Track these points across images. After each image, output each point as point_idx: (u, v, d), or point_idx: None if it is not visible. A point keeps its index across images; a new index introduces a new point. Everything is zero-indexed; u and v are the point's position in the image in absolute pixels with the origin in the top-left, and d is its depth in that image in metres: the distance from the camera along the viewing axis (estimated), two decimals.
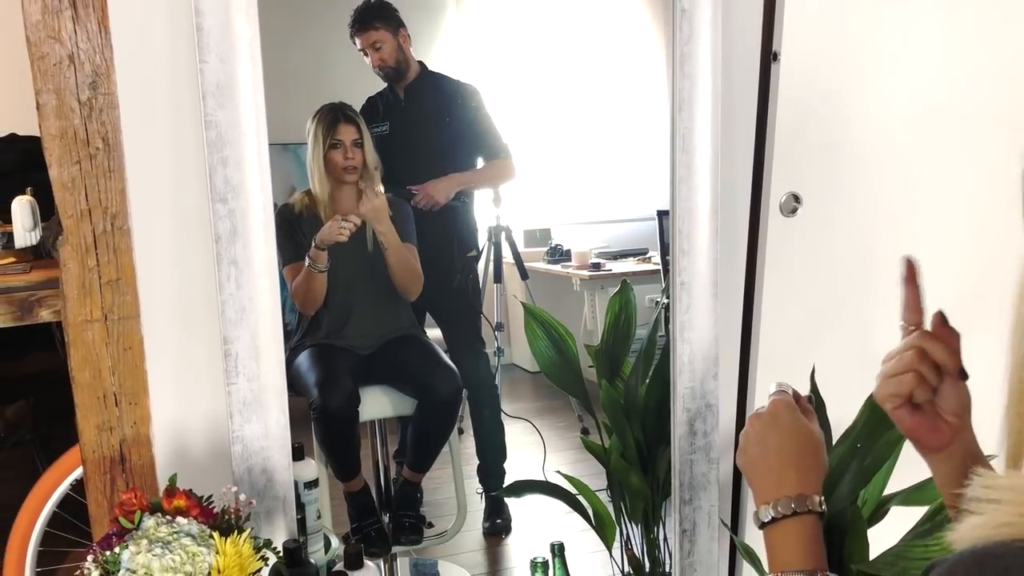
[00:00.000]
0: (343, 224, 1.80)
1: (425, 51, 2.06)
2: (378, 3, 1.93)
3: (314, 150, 1.85)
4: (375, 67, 1.96)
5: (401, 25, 1.95)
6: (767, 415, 0.95)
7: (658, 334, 1.72)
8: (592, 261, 2.43)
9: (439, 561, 2.05)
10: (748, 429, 0.97)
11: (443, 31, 2.14)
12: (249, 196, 1.27)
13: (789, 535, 0.87)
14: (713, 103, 1.47)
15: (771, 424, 0.94)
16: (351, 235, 1.82)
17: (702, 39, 1.45)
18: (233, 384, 1.29)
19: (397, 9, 1.94)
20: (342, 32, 1.96)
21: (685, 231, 1.51)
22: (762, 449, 0.93)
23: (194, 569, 1.04)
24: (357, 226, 1.82)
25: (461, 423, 2.21)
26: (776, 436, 0.92)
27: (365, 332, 1.94)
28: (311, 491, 1.46)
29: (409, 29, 1.98)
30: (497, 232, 2.24)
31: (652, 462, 1.70)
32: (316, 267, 1.81)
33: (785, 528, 0.87)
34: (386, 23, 1.94)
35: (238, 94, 1.24)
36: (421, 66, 2.00)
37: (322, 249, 1.81)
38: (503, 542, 2.20)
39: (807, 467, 0.90)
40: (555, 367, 1.83)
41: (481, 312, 2.20)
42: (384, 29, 1.94)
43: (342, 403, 1.83)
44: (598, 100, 2.34)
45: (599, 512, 1.72)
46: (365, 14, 1.94)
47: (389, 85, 1.98)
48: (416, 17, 2.03)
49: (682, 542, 1.58)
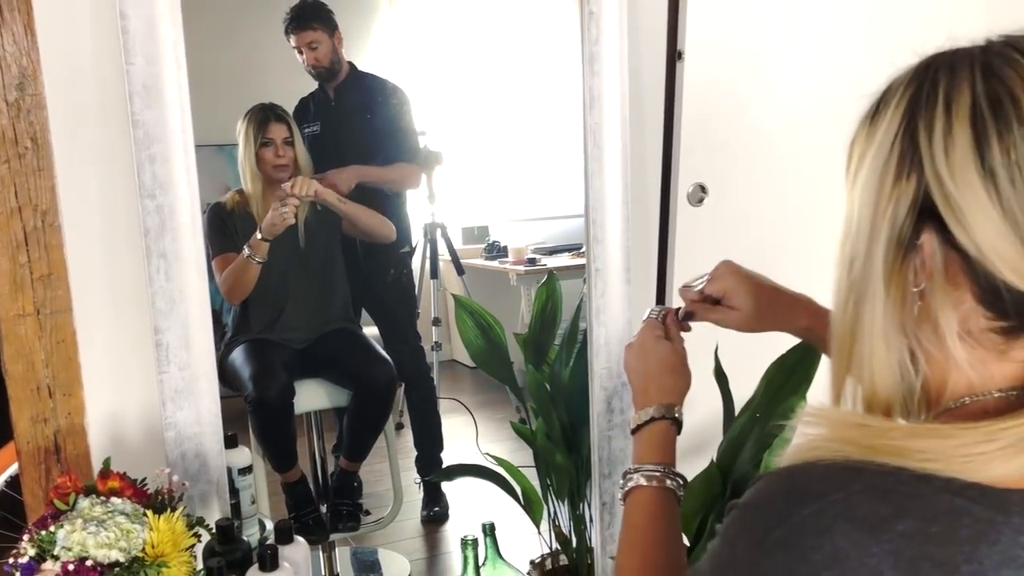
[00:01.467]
0: (284, 210, 1.84)
1: (357, 51, 2.11)
2: (315, 3, 1.97)
3: (245, 149, 1.89)
4: (309, 66, 2.00)
5: (336, 28, 2.00)
6: (635, 344, 1.08)
7: (580, 320, 1.81)
8: (528, 257, 2.50)
9: (378, 549, 2.11)
10: (623, 358, 1.10)
11: (375, 32, 2.20)
12: (177, 191, 1.32)
13: (647, 438, 0.99)
14: (621, 100, 1.56)
15: (638, 350, 1.06)
16: (286, 229, 1.87)
17: (609, 40, 1.53)
18: (165, 373, 1.35)
19: (333, 11, 1.99)
20: (273, 33, 2.00)
21: (599, 221, 1.59)
22: (632, 373, 1.06)
23: (128, 545, 1.09)
24: (298, 205, 1.87)
25: (400, 417, 2.27)
26: (642, 360, 1.05)
27: (299, 326, 1.99)
28: (245, 477, 1.51)
29: (342, 29, 2.04)
30: (432, 229, 2.30)
31: (576, 442, 1.78)
32: (256, 258, 1.84)
33: (646, 432, 0.99)
34: (324, 24, 1.98)
35: (164, 94, 1.30)
36: (351, 67, 2.04)
37: (266, 240, 1.85)
38: (441, 529, 2.26)
39: (667, 383, 1.02)
40: (484, 354, 1.91)
41: (417, 306, 2.26)
42: (322, 30, 1.98)
43: (277, 395, 1.87)
44: (531, 99, 2.41)
45: (527, 491, 1.79)
46: (303, 13, 1.97)
47: (320, 85, 2.02)
48: (349, 18, 2.08)
49: (602, 515, 1.66)
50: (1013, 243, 0.58)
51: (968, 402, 0.65)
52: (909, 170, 0.62)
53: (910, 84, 0.64)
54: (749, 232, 1.75)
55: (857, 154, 0.68)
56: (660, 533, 0.93)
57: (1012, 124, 0.58)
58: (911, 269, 0.63)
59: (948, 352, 0.64)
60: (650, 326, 1.09)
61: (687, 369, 1.06)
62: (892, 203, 0.63)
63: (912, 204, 0.62)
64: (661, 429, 0.99)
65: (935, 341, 0.64)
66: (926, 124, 0.61)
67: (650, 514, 0.94)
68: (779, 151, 1.74)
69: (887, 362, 0.65)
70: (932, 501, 0.59)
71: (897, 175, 0.63)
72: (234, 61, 1.94)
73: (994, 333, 0.63)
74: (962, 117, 0.59)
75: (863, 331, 0.66)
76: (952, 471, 0.59)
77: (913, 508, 0.59)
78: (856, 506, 0.59)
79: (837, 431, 0.63)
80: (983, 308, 0.62)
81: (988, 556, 0.58)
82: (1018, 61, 0.59)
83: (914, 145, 0.62)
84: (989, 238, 0.59)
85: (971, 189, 0.59)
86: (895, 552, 0.58)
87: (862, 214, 0.66)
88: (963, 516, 0.58)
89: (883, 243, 0.64)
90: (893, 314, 0.64)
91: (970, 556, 0.58)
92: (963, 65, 0.61)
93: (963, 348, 0.63)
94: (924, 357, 0.66)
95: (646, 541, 0.93)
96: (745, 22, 1.69)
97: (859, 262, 0.66)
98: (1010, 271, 0.59)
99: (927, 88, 0.62)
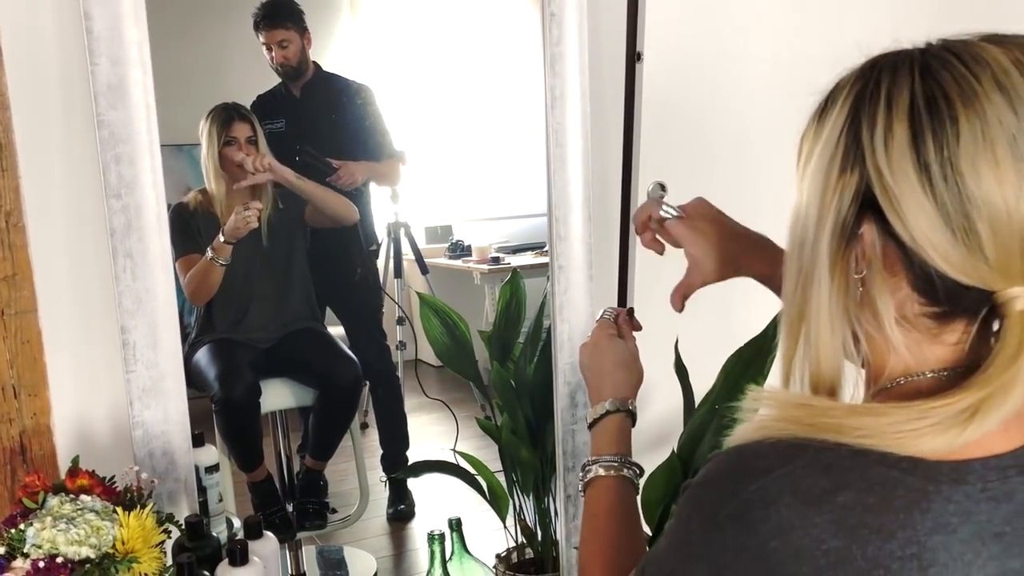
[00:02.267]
0: (247, 213, 1.84)
1: (321, 51, 2.12)
2: (288, 1, 1.97)
3: (208, 148, 1.89)
4: (277, 64, 2.00)
5: (307, 28, 2.00)
6: (589, 342, 1.12)
7: (544, 317, 1.84)
8: (492, 256, 2.52)
9: (344, 547, 2.12)
10: (578, 357, 1.14)
11: (337, 35, 2.21)
12: (143, 191, 1.33)
13: (603, 430, 1.03)
14: (582, 100, 1.60)
15: (591, 348, 1.11)
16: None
17: (570, 41, 1.57)
18: (132, 372, 1.35)
19: (304, 12, 1.99)
20: (232, 32, 2.00)
21: (561, 218, 1.63)
22: (587, 370, 1.10)
23: (99, 542, 1.10)
24: (260, 210, 1.87)
25: (365, 417, 2.28)
26: (596, 358, 1.09)
27: (264, 326, 1.99)
28: (212, 475, 1.52)
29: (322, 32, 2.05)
30: (396, 228, 2.31)
31: (541, 437, 1.81)
32: (219, 260, 1.84)
33: (602, 425, 1.04)
34: (295, 23, 1.98)
35: (130, 94, 1.30)
36: (316, 66, 2.05)
37: (229, 243, 1.85)
38: (408, 526, 2.28)
39: (620, 378, 1.06)
40: (450, 352, 1.93)
41: (382, 305, 2.27)
42: (293, 29, 1.98)
43: (243, 395, 1.88)
44: (492, 99, 2.44)
45: (493, 486, 1.82)
46: (275, 11, 1.97)
47: (285, 83, 2.03)
48: (311, 17, 2.09)
49: (567, 507, 1.69)
50: (945, 234, 0.62)
51: (903, 382, 0.69)
52: (852, 163, 0.66)
53: (856, 83, 0.68)
54: None
55: (806, 148, 0.71)
56: (619, 519, 0.97)
57: (946, 122, 0.61)
58: (853, 257, 0.67)
59: (886, 335, 0.68)
60: (603, 326, 1.14)
61: (639, 364, 1.10)
62: (837, 194, 0.67)
63: (855, 196, 0.66)
64: (616, 421, 1.03)
65: (875, 325, 0.68)
66: (868, 121, 0.65)
67: (609, 502, 0.98)
68: (735, 149, 1.78)
69: (831, 344, 0.69)
70: (868, 474, 0.63)
71: (842, 168, 0.66)
72: (192, 60, 1.94)
73: (927, 318, 0.67)
74: (901, 115, 0.63)
75: (810, 315, 0.70)
76: (886, 446, 0.63)
77: (851, 480, 0.63)
78: (799, 480, 0.64)
79: (782, 411, 0.67)
80: (917, 295, 0.66)
81: (921, 523, 0.63)
82: (953, 64, 0.63)
83: (857, 140, 0.65)
84: (923, 229, 0.62)
85: (907, 182, 0.62)
86: (836, 521, 0.62)
87: (810, 204, 0.69)
88: (897, 487, 0.63)
89: (828, 232, 0.67)
90: (837, 299, 0.68)
91: (904, 523, 0.63)
92: (904, 66, 0.65)
93: (900, 332, 0.67)
94: (866, 340, 0.70)
95: (607, 527, 0.97)
96: (702, 24, 1.73)
97: (807, 249, 0.69)
98: (942, 260, 0.63)
99: (871, 87, 0.66)
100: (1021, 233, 0.62)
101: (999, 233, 0.61)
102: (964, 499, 0.64)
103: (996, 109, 0.61)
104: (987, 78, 0.62)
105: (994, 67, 0.62)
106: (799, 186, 0.72)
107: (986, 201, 0.61)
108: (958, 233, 0.62)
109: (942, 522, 0.63)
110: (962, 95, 0.62)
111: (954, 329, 0.67)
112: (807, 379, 0.70)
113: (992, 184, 0.61)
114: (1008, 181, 0.61)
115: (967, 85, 0.62)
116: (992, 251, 0.62)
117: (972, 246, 0.62)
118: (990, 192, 0.61)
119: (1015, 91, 0.61)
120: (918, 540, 0.63)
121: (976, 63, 0.62)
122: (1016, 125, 0.61)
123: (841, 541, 0.62)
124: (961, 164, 0.61)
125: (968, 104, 0.61)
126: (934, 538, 0.63)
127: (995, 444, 0.65)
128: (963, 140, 0.61)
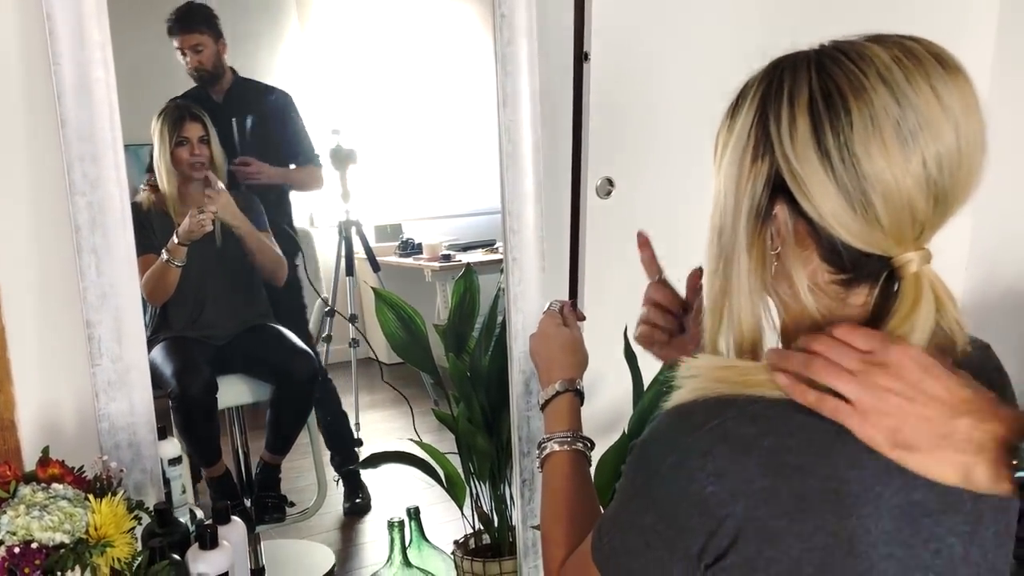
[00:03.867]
0: (202, 217, 1.87)
1: (269, 54, 2.15)
2: (201, 6, 1.98)
3: (161, 148, 1.91)
4: (192, 68, 2.01)
5: (222, 34, 2.02)
6: (538, 332, 1.20)
7: (498, 311, 1.89)
8: (443, 253, 2.57)
9: (302, 541, 2.16)
10: (528, 345, 1.22)
11: (287, 33, 2.23)
12: (107, 188, 1.35)
13: (555, 410, 1.11)
14: (532, 99, 1.66)
15: (539, 337, 1.19)
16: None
17: (520, 42, 1.63)
18: (97, 365, 1.38)
19: (218, 16, 2.00)
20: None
21: (515, 212, 1.69)
22: (537, 356, 1.18)
23: (72, 527, 1.12)
24: (215, 212, 1.89)
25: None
26: (544, 344, 1.17)
27: (219, 323, 2.01)
28: (175, 467, 1.54)
29: (254, 33, 2.06)
30: (347, 227, 2.35)
31: (497, 425, 1.86)
32: (174, 262, 1.86)
33: (553, 406, 1.11)
34: (209, 28, 2.00)
35: (93, 94, 1.33)
36: (233, 72, 2.07)
37: (184, 245, 1.87)
38: (365, 519, 2.32)
39: (567, 362, 1.14)
40: (405, 346, 1.97)
41: (305, 308, 2.29)
42: (207, 33, 2.00)
43: (200, 391, 1.90)
44: (443, 99, 2.49)
45: (450, 475, 1.87)
46: (188, 15, 1.98)
47: (203, 88, 2.03)
48: (258, 26, 2.11)
49: (523, 491, 1.75)
50: (847, 209, 0.71)
51: None
52: (763, 153, 0.75)
53: (762, 82, 0.76)
54: (654, 222, 1.86)
55: (721, 143, 0.80)
56: (575, 489, 1.05)
57: (840, 113, 0.70)
58: (768, 235, 0.76)
59: (801, 302, 0.77)
60: (550, 316, 1.21)
61: (584, 348, 1.18)
62: (751, 181, 0.76)
63: (767, 181, 0.75)
64: (566, 401, 1.11)
65: (791, 294, 0.78)
66: (775, 115, 0.73)
67: (565, 474, 1.06)
68: (679, 146, 1.85)
69: (751, 313, 0.78)
70: (789, 420, 0.73)
71: (753, 158, 0.75)
72: (136, 61, 1.94)
73: (836, 284, 0.77)
74: (802, 108, 0.72)
75: (731, 290, 0.78)
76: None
77: (775, 427, 0.73)
78: (730, 430, 0.73)
79: (711, 373, 0.77)
80: (826, 264, 0.76)
81: (838, 459, 0.72)
82: (844, 62, 0.72)
83: (766, 133, 0.74)
84: (828, 206, 0.72)
85: (812, 167, 0.71)
86: (764, 463, 0.71)
87: (727, 192, 0.78)
88: (814, 430, 0.73)
89: (745, 215, 0.76)
90: (755, 274, 0.77)
91: (823, 460, 0.72)
92: (802, 65, 0.74)
93: (812, 298, 0.77)
94: (783, 308, 0.80)
95: (565, 498, 1.04)
96: (646, 26, 1.80)
97: (726, 232, 0.78)
98: (846, 232, 0.72)
99: (775, 85, 0.74)
100: (909, 203, 0.71)
101: (891, 205, 0.70)
102: None
103: (882, 99, 0.69)
104: (872, 73, 0.70)
105: (878, 64, 0.71)
106: (716, 178, 0.80)
107: (879, 178, 0.70)
108: (857, 208, 0.71)
109: (857, 459, 0.72)
110: (853, 89, 0.70)
111: (859, 293, 0.77)
112: (732, 347, 0.79)
113: (882, 163, 0.69)
114: (895, 160, 0.70)
115: (856, 80, 0.70)
116: (887, 221, 0.71)
117: (870, 218, 0.71)
118: (881, 170, 0.70)
119: (896, 84, 0.70)
120: (836, 475, 0.72)
121: (862, 60, 0.71)
122: (899, 112, 0.69)
123: (769, 480, 0.71)
124: (856, 148, 0.70)
125: (858, 96, 0.70)
126: (849, 473, 0.72)
127: None
128: (856, 127, 0.69)
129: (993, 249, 2.29)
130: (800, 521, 0.71)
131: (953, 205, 0.73)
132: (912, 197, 0.70)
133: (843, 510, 0.72)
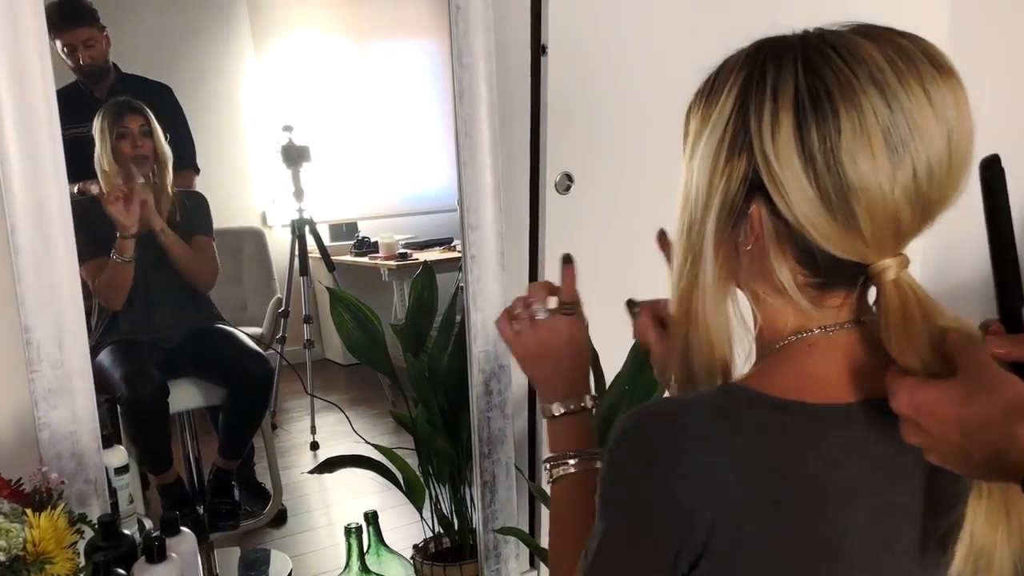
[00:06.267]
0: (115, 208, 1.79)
1: (217, 50, 2.08)
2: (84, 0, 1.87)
3: (102, 143, 1.83)
4: (82, 65, 1.89)
5: (105, 28, 1.90)
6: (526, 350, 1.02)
7: (456, 309, 1.86)
8: (399, 251, 2.53)
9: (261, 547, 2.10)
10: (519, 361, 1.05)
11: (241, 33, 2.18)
12: (45, 187, 1.29)
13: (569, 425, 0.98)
14: (489, 92, 1.62)
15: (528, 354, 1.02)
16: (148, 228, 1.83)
17: (476, 34, 1.59)
18: (36, 372, 1.32)
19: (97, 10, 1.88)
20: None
21: (473, 208, 1.65)
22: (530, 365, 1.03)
23: (8, 544, 1.07)
24: (145, 202, 1.83)
25: (275, 418, 2.25)
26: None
27: (168, 325, 1.95)
28: (122, 476, 1.49)
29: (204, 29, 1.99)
30: (301, 225, 2.29)
31: (456, 425, 1.83)
32: (123, 257, 1.80)
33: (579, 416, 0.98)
34: (95, 22, 1.89)
35: (28, 87, 1.27)
36: (115, 67, 1.96)
37: (126, 238, 1.80)
38: (322, 525, 2.27)
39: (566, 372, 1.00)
40: (363, 347, 1.92)
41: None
42: (95, 27, 1.89)
43: (151, 394, 1.84)
44: (398, 96, 2.44)
45: (409, 478, 1.83)
46: (75, 10, 1.86)
47: (86, 85, 1.92)
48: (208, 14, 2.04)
49: (484, 493, 1.72)
50: (826, 217, 0.67)
51: (795, 339, 0.75)
52: (740, 149, 0.70)
53: (742, 69, 0.72)
54: (613, 217, 1.85)
55: (694, 129, 0.76)
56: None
57: (828, 116, 0.66)
58: (742, 232, 0.73)
59: (780, 299, 0.74)
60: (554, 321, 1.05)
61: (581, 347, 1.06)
62: (725, 178, 0.71)
63: (743, 179, 0.71)
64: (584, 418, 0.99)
65: (772, 293, 0.75)
66: (756, 110, 0.69)
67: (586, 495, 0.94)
68: (640, 140, 1.84)
69: (718, 312, 0.75)
70: (763, 419, 0.70)
71: (730, 153, 0.71)
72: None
73: (810, 287, 0.73)
74: (787, 106, 0.68)
75: (697, 288, 0.75)
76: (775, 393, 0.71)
77: (747, 426, 0.70)
78: (701, 428, 0.69)
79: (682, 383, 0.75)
80: (800, 267, 0.72)
81: (814, 460, 0.70)
82: (833, 59, 0.68)
83: (745, 128, 0.70)
84: (806, 212, 0.68)
85: (792, 170, 0.67)
86: (737, 465, 0.68)
87: (699, 185, 0.74)
88: (789, 430, 0.70)
89: (715, 213, 0.73)
90: (722, 274, 0.74)
91: (799, 461, 0.69)
92: (788, 57, 0.69)
93: (792, 297, 0.73)
94: (757, 305, 0.77)
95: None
96: (604, 18, 1.78)
97: (695, 229, 0.75)
98: (823, 239, 0.69)
99: (756, 76, 0.70)
100: (894, 215, 0.67)
101: (875, 216, 0.67)
102: (850, 439, 0.71)
103: (872, 103, 0.66)
104: (864, 75, 0.67)
105: (870, 64, 0.67)
106: (687, 165, 0.76)
107: (864, 188, 0.66)
108: (838, 216, 0.67)
109: (832, 458, 0.70)
110: (842, 90, 0.66)
111: (835, 295, 0.74)
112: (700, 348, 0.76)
113: (869, 172, 0.66)
114: (883, 169, 0.66)
115: (846, 81, 0.67)
116: (869, 231, 0.68)
117: (851, 227, 0.67)
118: (867, 180, 0.66)
119: (888, 87, 0.66)
120: (811, 476, 0.69)
121: (853, 59, 0.67)
122: (890, 118, 0.66)
123: (743, 483, 0.68)
124: (842, 154, 0.66)
125: (847, 99, 0.66)
126: (824, 474, 0.70)
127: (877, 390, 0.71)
128: (844, 132, 0.66)
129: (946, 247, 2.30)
130: (776, 526, 0.69)
131: (937, 212, 0.70)
132: (899, 208, 0.67)
133: (820, 513, 0.69)
